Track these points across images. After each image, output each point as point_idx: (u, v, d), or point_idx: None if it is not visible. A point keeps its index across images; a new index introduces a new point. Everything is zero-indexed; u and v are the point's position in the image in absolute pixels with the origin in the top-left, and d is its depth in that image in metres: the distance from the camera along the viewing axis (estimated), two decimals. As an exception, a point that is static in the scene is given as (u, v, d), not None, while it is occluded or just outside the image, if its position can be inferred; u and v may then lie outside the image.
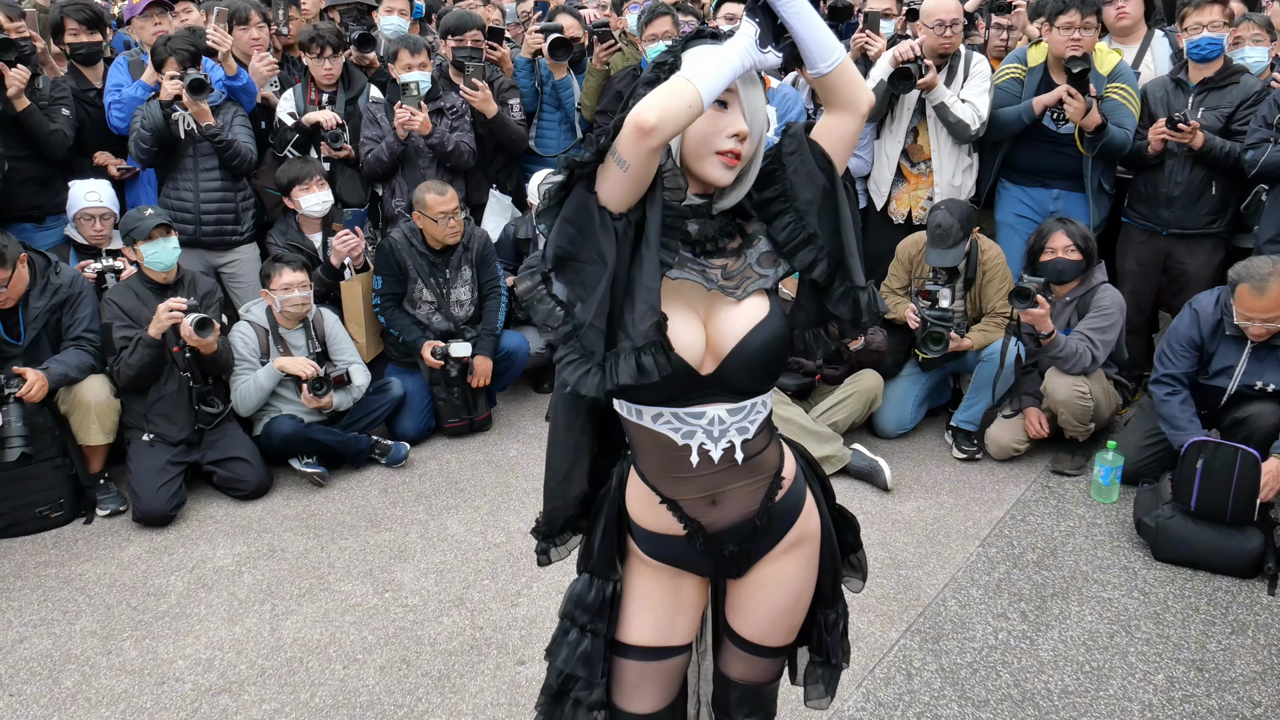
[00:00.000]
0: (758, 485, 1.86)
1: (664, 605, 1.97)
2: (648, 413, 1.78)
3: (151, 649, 3.41)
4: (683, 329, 1.69)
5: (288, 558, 3.93)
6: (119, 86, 4.94)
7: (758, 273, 1.77)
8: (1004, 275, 4.54)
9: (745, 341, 1.72)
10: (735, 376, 1.74)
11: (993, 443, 4.52)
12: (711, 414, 1.76)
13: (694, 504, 1.84)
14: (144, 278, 4.33)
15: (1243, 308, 3.82)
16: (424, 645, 3.38)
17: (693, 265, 1.74)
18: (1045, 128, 4.73)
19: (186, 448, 4.33)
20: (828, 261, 1.73)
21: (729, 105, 1.66)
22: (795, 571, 1.96)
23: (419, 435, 4.86)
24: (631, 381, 1.60)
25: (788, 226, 1.73)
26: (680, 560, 1.94)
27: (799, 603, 2.00)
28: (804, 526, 1.94)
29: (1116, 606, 3.51)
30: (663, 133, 1.52)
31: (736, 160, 1.66)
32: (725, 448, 1.78)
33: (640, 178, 1.59)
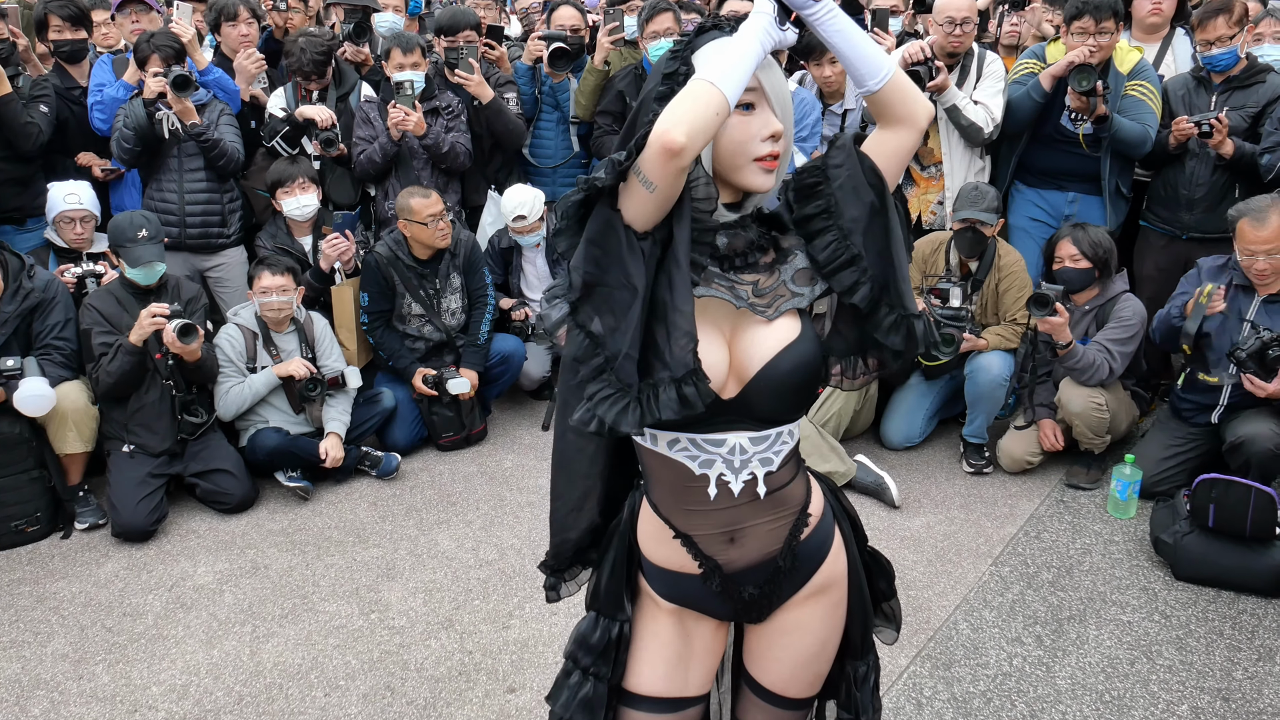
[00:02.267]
0: (781, 522, 1.71)
1: (677, 652, 1.81)
2: (664, 438, 1.64)
3: (125, 674, 3.25)
4: (706, 350, 1.54)
5: (271, 575, 3.78)
6: (101, 86, 4.79)
7: (791, 290, 1.62)
8: (1024, 282, 4.36)
9: (772, 365, 1.58)
10: (759, 402, 1.60)
11: (1005, 455, 4.35)
12: (733, 442, 1.62)
13: (710, 540, 1.70)
14: (125, 282, 4.18)
15: (1244, 243, 3.74)
16: (410, 670, 3.23)
17: (720, 281, 1.60)
18: (1061, 127, 4.56)
19: (168, 459, 4.18)
20: (870, 285, 1.58)
21: (756, 105, 1.52)
22: (820, 618, 1.79)
23: (410, 445, 4.71)
24: (675, 415, 1.46)
25: (830, 245, 1.59)
26: (695, 602, 1.78)
27: (824, 652, 1.83)
28: (831, 570, 1.78)
29: (1137, 630, 3.34)
30: (693, 150, 1.38)
31: (776, 162, 1.54)
32: (747, 479, 1.64)
33: (668, 197, 1.45)
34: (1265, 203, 3.71)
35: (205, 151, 4.62)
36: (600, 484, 1.83)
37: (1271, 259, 3.70)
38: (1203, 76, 4.49)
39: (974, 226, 4.30)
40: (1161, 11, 4.80)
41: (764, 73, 1.52)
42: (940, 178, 4.69)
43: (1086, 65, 4.28)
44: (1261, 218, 3.67)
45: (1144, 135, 4.41)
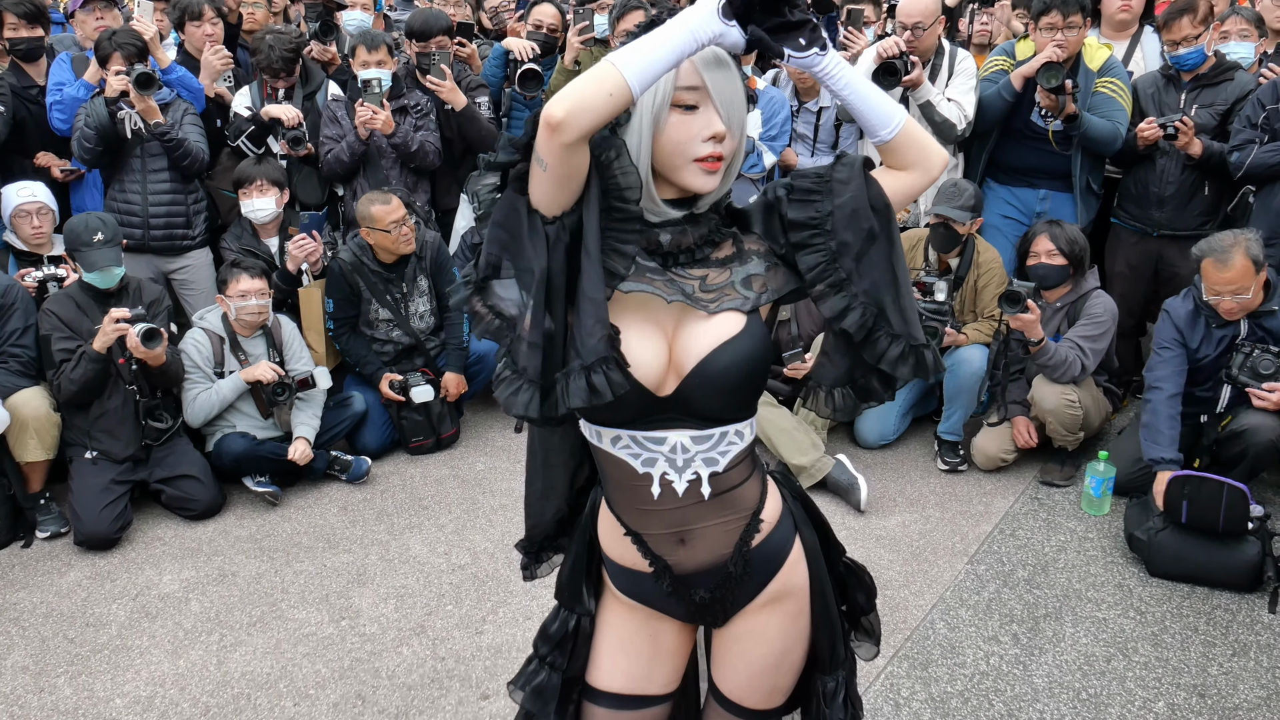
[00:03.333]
0: (731, 526, 1.66)
1: (639, 650, 1.79)
2: (606, 435, 1.61)
3: (87, 686, 3.17)
4: (639, 344, 1.52)
5: (239, 583, 3.70)
6: (60, 85, 4.68)
7: (739, 292, 1.57)
8: (1001, 279, 4.36)
9: (708, 361, 1.53)
10: (696, 399, 1.55)
11: (979, 453, 4.35)
12: (674, 441, 1.58)
13: (659, 540, 1.67)
14: (85, 286, 4.09)
15: (1210, 282, 3.72)
16: (381, 679, 3.17)
17: (655, 276, 1.54)
18: (1031, 123, 4.57)
19: (133, 465, 4.09)
20: (863, 311, 1.53)
21: (699, 106, 1.47)
22: (776, 629, 1.74)
23: (381, 449, 4.64)
24: (584, 404, 1.42)
25: (817, 266, 1.55)
26: (651, 600, 1.75)
27: (782, 664, 1.78)
28: (788, 579, 1.73)
29: (1112, 628, 3.34)
30: (573, 127, 1.34)
31: (719, 164, 1.49)
32: (690, 480, 1.60)
33: (563, 177, 1.41)
34: (1228, 242, 3.65)
35: (169, 151, 4.53)
36: (565, 475, 1.82)
37: (1238, 298, 3.68)
38: (1172, 75, 4.50)
39: (946, 223, 4.30)
40: (1130, 9, 4.82)
41: (711, 73, 1.47)
42: (913, 175, 4.67)
43: (1054, 63, 4.28)
44: (1225, 259, 3.62)
45: (1114, 133, 4.42)
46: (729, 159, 1.52)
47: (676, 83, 1.46)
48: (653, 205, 1.53)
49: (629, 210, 1.48)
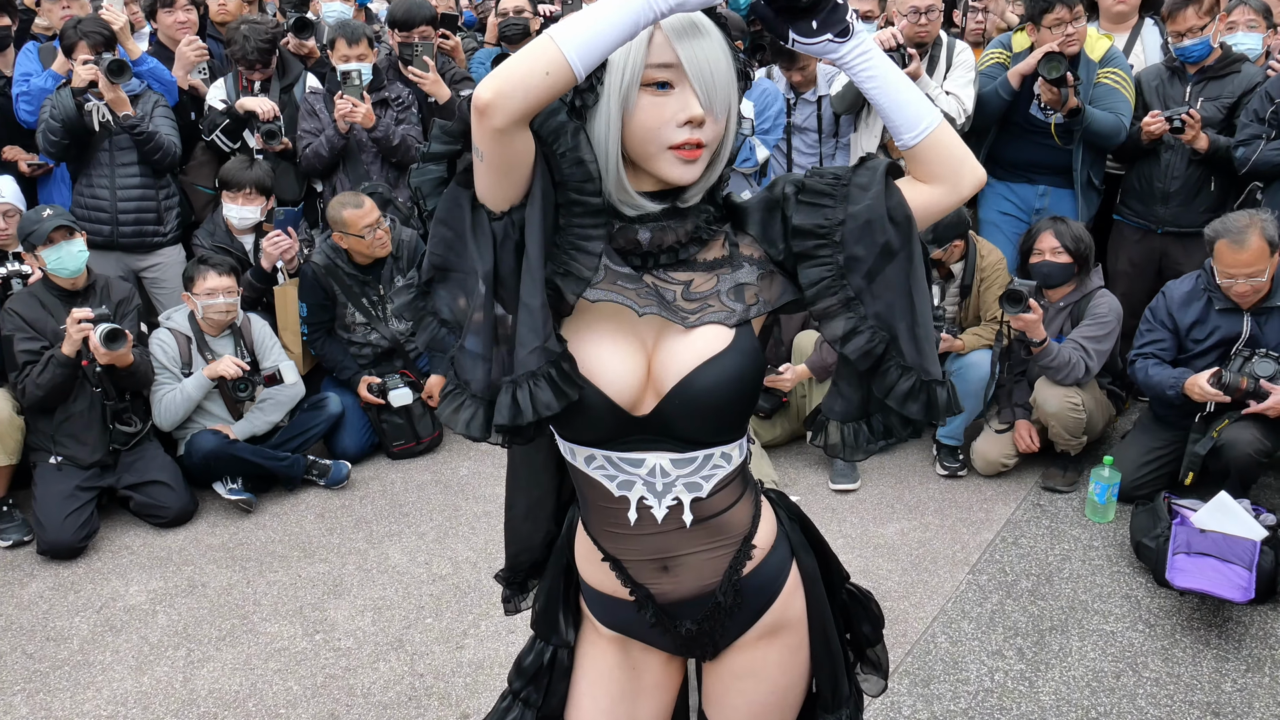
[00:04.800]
0: (720, 553, 1.51)
1: (621, 686, 1.64)
2: (580, 453, 1.46)
3: (45, 704, 3.01)
4: (612, 358, 1.36)
5: (209, 594, 3.54)
6: (27, 76, 4.51)
7: (723, 304, 1.40)
8: (1004, 281, 4.21)
9: (689, 380, 1.37)
10: (677, 421, 1.39)
11: (979, 457, 4.21)
12: (652, 463, 1.42)
13: (640, 567, 1.51)
14: (49, 284, 3.91)
15: (1223, 265, 3.58)
16: (356, 696, 3.01)
17: (626, 284, 1.36)
18: (1029, 116, 4.43)
19: (99, 471, 3.92)
20: (871, 335, 1.36)
21: (674, 85, 1.29)
22: (777, 664, 1.59)
23: (361, 453, 4.48)
24: (507, 423, 1.28)
25: (821, 281, 1.37)
26: (634, 631, 1.60)
27: (785, 701, 1.63)
28: (785, 609, 1.57)
29: (1121, 641, 3.20)
30: (503, 111, 1.18)
31: (698, 151, 1.31)
32: (671, 505, 1.45)
33: (502, 167, 1.24)
34: (1243, 222, 3.53)
35: (139, 145, 4.36)
36: (549, 493, 1.68)
37: (1252, 281, 3.56)
38: (1176, 67, 4.37)
39: None
40: (1128, 0, 4.69)
41: (687, 46, 1.28)
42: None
43: (1056, 53, 4.14)
44: (1240, 239, 3.50)
45: (1117, 126, 4.29)
46: (712, 144, 1.33)
47: (647, 59, 1.28)
48: (626, 198, 1.36)
49: (589, 203, 1.31)
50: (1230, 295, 3.63)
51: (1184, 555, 3.28)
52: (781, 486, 4.17)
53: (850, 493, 4.12)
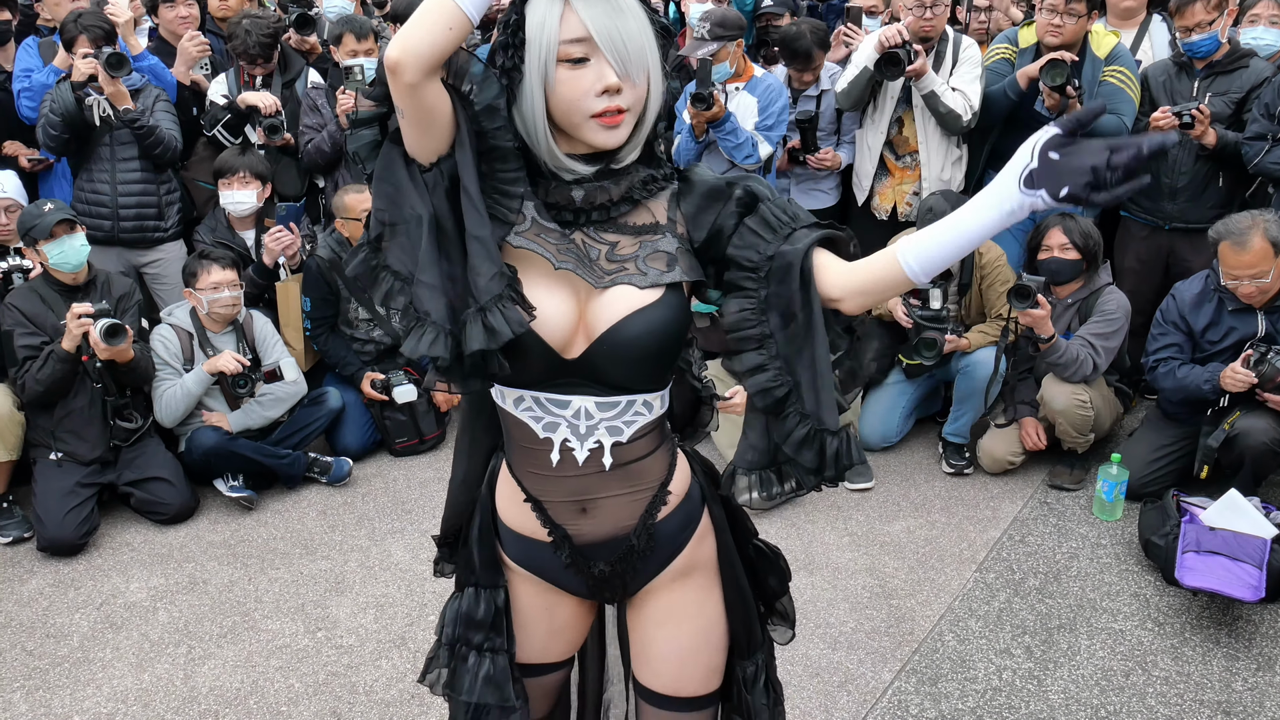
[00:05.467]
0: (637, 498, 1.59)
1: (536, 623, 1.73)
2: (510, 395, 1.55)
3: (45, 701, 2.99)
4: (546, 300, 1.44)
5: (210, 591, 3.52)
6: (28, 71, 4.49)
7: (638, 269, 1.47)
8: (1006, 277, 4.18)
9: (619, 327, 1.46)
10: (604, 366, 1.49)
11: (986, 455, 4.18)
12: (578, 405, 1.51)
13: (560, 508, 1.60)
14: (50, 279, 3.88)
15: (1227, 266, 3.57)
16: (358, 694, 2.99)
17: (549, 239, 1.45)
18: (1035, 113, 4.39)
19: (100, 467, 3.89)
20: (775, 374, 1.45)
21: (589, 57, 1.37)
22: (694, 603, 1.68)
23: (363, 449, 4.45)
24: (482, 345, 1.37)
25: (742, 313, 1.46)
26: (547, 573, 1.68)
27: (710, 639, 1.70)
28: (695, 553, 1.66)
29: (1130, 640, 3.17)
30: (410, 66, 1.27)
31: (619, 117, 1.39)
32: (592, 448, 1.54)
33: (421, 121, 1.34)
34: (1245, 223, 3.51)
35: (140, 139, 4.33)
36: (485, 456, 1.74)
37: (1257, 282, 3.54)
38: (1184, 62, 4.33)
39: None
40: None
41: (598, 19, 1.35)
42: (916, 167, 4.51)
43: (1059, 60, 4.11)
44: (1243, 241, 3.49)
45: (1119, 128, 4.25)
46: (635, 107, 1.41)
47: (560, 36, 1.36)
48: (558, 164, 1.44)
49: (503, 148, 1.41)
50: (1236, 295, 3.61)
51: (1193, 554, 3.25)
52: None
53: (865, 491, 4.08)
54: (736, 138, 4.47)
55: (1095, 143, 1.23)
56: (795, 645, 3.14)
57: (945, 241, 1.37)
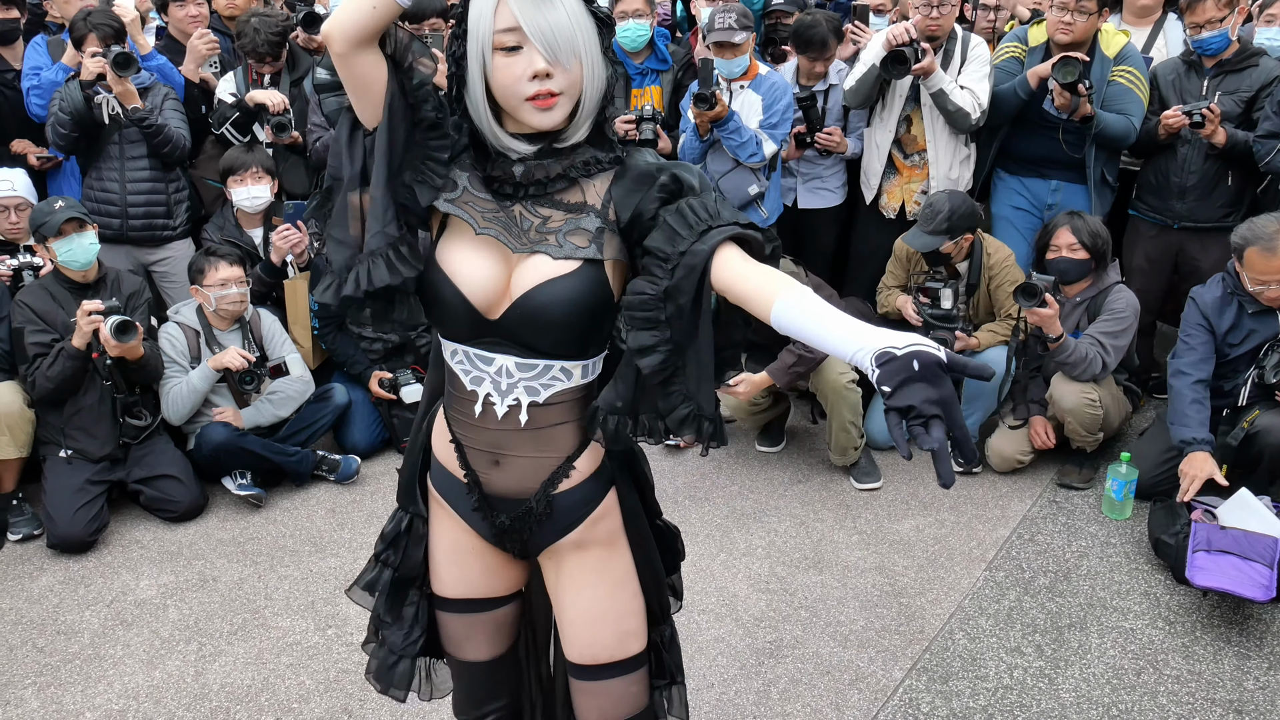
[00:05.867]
0: (543, 464, 1.71)
1: (468, 560, 1.85)
2: (448, 347, 1.70)
3: (56, 698, 2.99)
4: (472, 264, 1.60)
5: (220, 589, 3.52)
6: (38, 70, 4.49)
7: (558, 242, 1.58)
8: (1015, 277, 4.17)
9: (531, 294, 1.58)
10: (517, 328, 1.61)
11: (995, 454, 4.17)
12: (500, 363, 1.65)
13: (476, 455, 1.73)
14: (60, 277, 3.89)
15: (1254, 272, 3.53)
16: (369, 692, 2.97)
17: (476, 207, 1.60)
18: (1044, 112, 4.39)
19: (109, 464, 3.89)
20: (665, 358, 1.51)
21: (520, 45, 1.50)
22: (595, 571, 1.78)
23: (371, 447, 4.45)
24: (350, 294, 1.55)
25: (642, 294, 1.50)
26: (461, 511, 1.80)
27: (616, 603, 1.79)
28: (589, 531, 1.75)
29: (1141, 638, 3.17)
30: (337, 38, 1.48)
31: (551, 99, 1.51)
32: (511, 404, 1.66)
33: (356, 88, 1.53)
34: (1272, 228, 3.48)
35: (149, 138, 4.33)
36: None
37: None
38: (1193, 61, 4.33)
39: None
40: None
41: (528, 11, 1.48)
42: (924, 166, 4.50)
43: (1071, 58, 4.11)
44: (1272, 246, 3.45)
45: (1127, 129, 4.25)
46: (570, 90, 1.53)
47: (495, 26, 1.49)
48: (500, 142, 1.58)
49: (429, 118, 1.56)
50: (1261, 299, 3.59)
51: (1204, 553, 3.25)
52: (799, 482, 4.14)
53: (875, 490, 4.09)
54: (740, 136, 4.46)
55: (931, 392, 1.25)
56: (806, 643, 3.15)
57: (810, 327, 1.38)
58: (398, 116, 1.54)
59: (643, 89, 4.90)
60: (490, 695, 1.99)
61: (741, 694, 2.95)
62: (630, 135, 4.63)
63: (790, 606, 3.35)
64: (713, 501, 4.02)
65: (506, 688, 2.01)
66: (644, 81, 4.91)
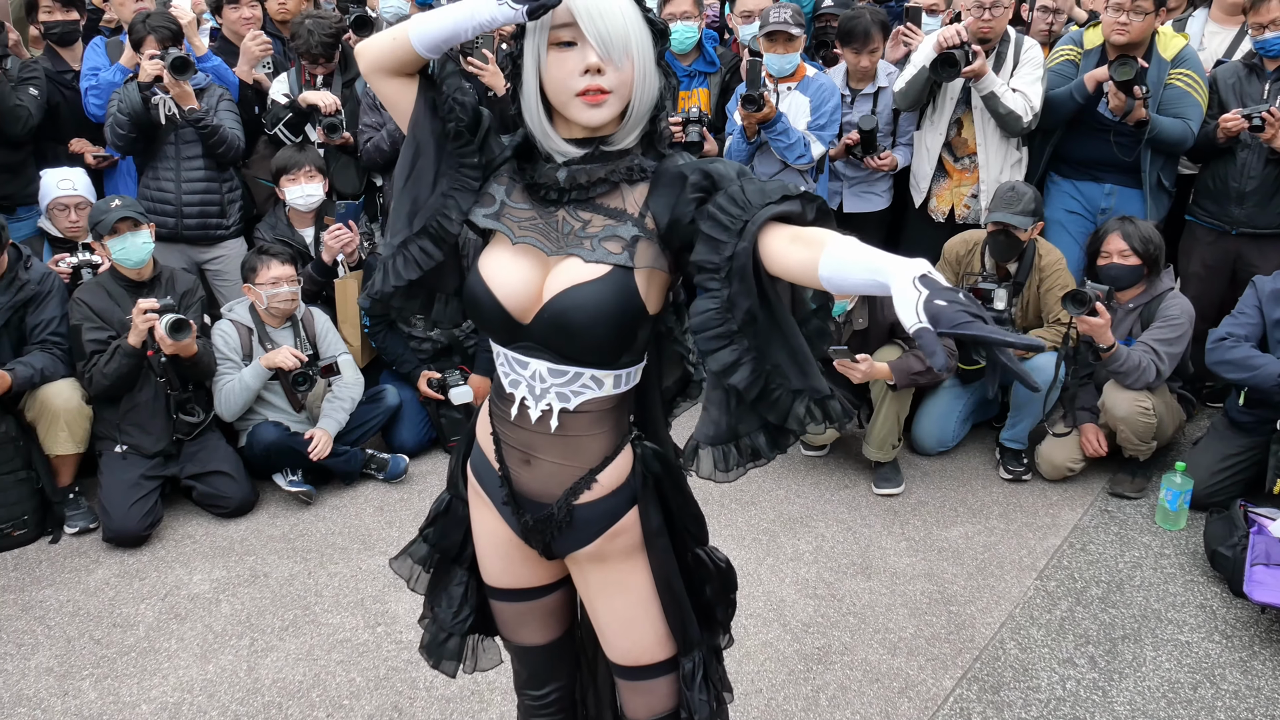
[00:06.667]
0: (567, 471, 1.73)
1: (508, 553, 1.88)
2: (495, 349, 1.74)
3: (113, 690, 3.04)
4: (509, 271, 1.63)
5: (271, 584, 3.56)
6: (96, 70, 4.57)
7: (592, 246, 1.59)
8: (1065, 281, 4.12)
9: (557, 299, 1.60)
10: (543, 333, 1.63)
11: (1045, 461, 4.13)
12: (534, 368, 1.67)
13: (511, 452, 1.78)
14: (116, 275, 3.96)
15: None
16: (419, 690, 3.01)
17: (514, 217, 1.64)
18: (1099, 116, 4.33)
19: (163, 460, 3.96)
20: (753, 366, 1.49)
21: (575, 41, 1.53)
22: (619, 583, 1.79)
23: (418, 447, 4.49)
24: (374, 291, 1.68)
25: (707, 313, 1.48)
26: (494, 499, 1.83)
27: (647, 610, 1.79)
28: (607, 544, 1.76)
29: (1197, 652, 3.12)
30: (364, 60, 1.62)
31: (601, 96, 1.53)
32: (544, 409, 1.69)
33: (389, 104, 1.65)
34: None
35: (204, 138, 4.40)
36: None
37: None
38: (1255, 64, 4.25)
39: (1006, 230, 4.06)
40: None
41: (581, 6, 1.51)
42: (975, 169, 4.46)
43: (1129, 56, 4.05)
44: None
45: (1184, 134, 4.18)
46: (620, 90, 1.54)
47: (552, 21, 1.52)
48: (550, 144, 1.61)
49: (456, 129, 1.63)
50: None
51: (1262, 567, 3.19)
52: (846, 487, 4.12)
53: (894, 496, 4.06)
54: (788, 138, 4.45)
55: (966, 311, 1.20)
56: (855, 649, 3.13)
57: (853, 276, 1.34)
58: (424, 134, 1.63)
59: (690, 91, 4.90)
60: (551, 675, 2.05)
61: (790, 700, 2.94)
62: (676, 137, 4.64)
63: (838, 612, 3.33)
64: (759, 506, 4.01)
65: (565, 669, 2.06)
66: (691, 84, 4.91)
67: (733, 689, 1.94)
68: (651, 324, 1.65)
